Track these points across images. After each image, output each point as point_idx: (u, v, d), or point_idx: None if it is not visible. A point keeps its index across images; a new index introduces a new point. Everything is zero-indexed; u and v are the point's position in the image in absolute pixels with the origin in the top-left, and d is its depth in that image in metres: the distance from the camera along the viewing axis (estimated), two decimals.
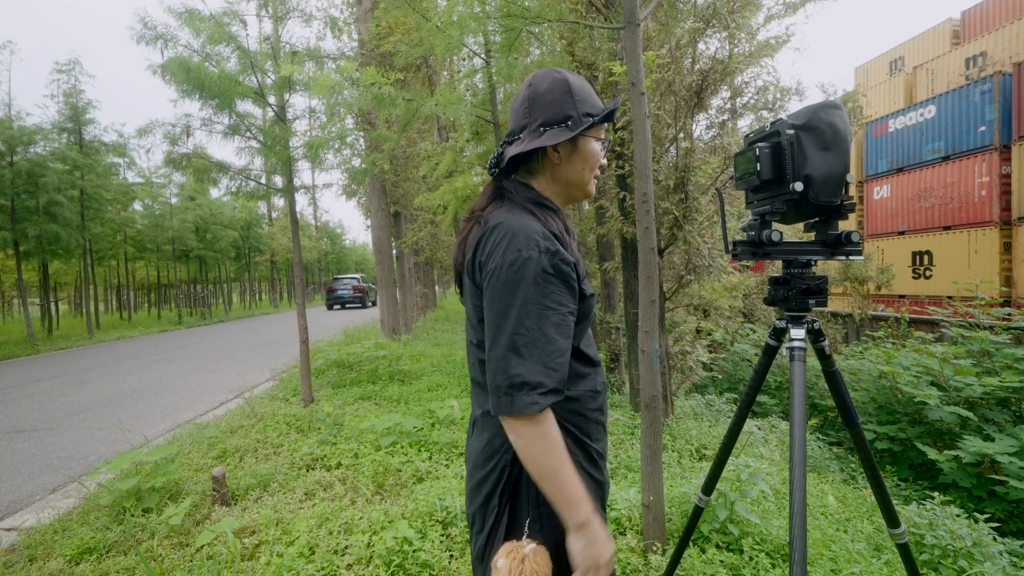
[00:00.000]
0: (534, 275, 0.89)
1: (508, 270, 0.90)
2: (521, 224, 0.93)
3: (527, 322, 0.88)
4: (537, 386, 0.86)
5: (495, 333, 0.90)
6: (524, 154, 1.03)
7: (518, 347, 0.87)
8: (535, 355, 0.87)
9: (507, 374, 0.87)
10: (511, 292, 0.89)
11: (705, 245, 4.22)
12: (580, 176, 1.06)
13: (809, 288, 1.33)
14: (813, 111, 1.24)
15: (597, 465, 1.05)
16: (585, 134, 1.04)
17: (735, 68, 4.01)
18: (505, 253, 0.91)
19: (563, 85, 1.02)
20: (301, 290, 5.22)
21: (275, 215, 30.20)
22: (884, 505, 1.48)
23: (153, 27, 4.27)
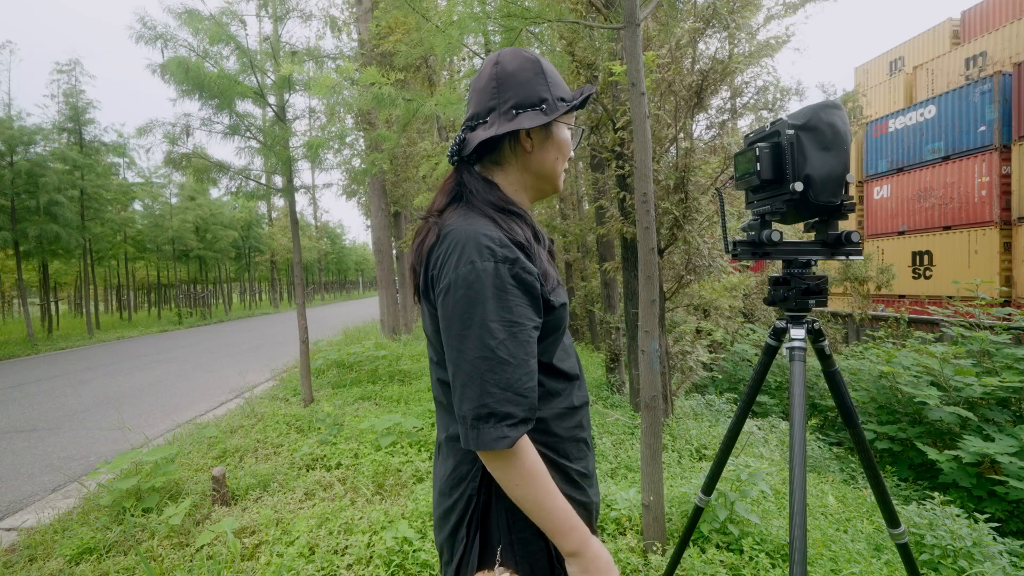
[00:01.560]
0: (492, 288, 0.79)
1: (462, 285, 0.80)
2: (474, 231, 0.83)
3: (489, 342, 0.78)
4: (505, 417, 0.78)
5: (456, 357, 0.81)
6: (492, 141, 0.92)
7: (481, 372, 0.78)
8: (501, 380, 0.78)
9: (472, 404, 0.78)
10: (468, 310, 0.79)
11: (705, 245, 4.22)
12: (552, 166, 0.97)
13: (809, 288, 1.33)
14: (813, 111, 1.24)
15: (579, 486, 0.96)
16: (559, 120, 0.94)
17: (735, 68, 4.01)
18: (458, 266, 0.81)
19: (535, 65, 0.92)
20: (301, 290, 5.22)
21: (275, 215, 30.24)
22: (884, 505, 1.48)
23: (152, 27, 4.27)
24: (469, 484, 0.90)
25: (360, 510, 2.76)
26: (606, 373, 6.26)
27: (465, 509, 0.91)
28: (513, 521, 0.88)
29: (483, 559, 0.90)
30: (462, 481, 0.91)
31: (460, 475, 0.92)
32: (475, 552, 0.90)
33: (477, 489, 0.90)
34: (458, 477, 0.92)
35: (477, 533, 0.90)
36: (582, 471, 0.97)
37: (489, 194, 0.92)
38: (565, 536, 0.83)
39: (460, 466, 0.92)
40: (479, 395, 0.78)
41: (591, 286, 10.25)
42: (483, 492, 0.90)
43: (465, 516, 0.91)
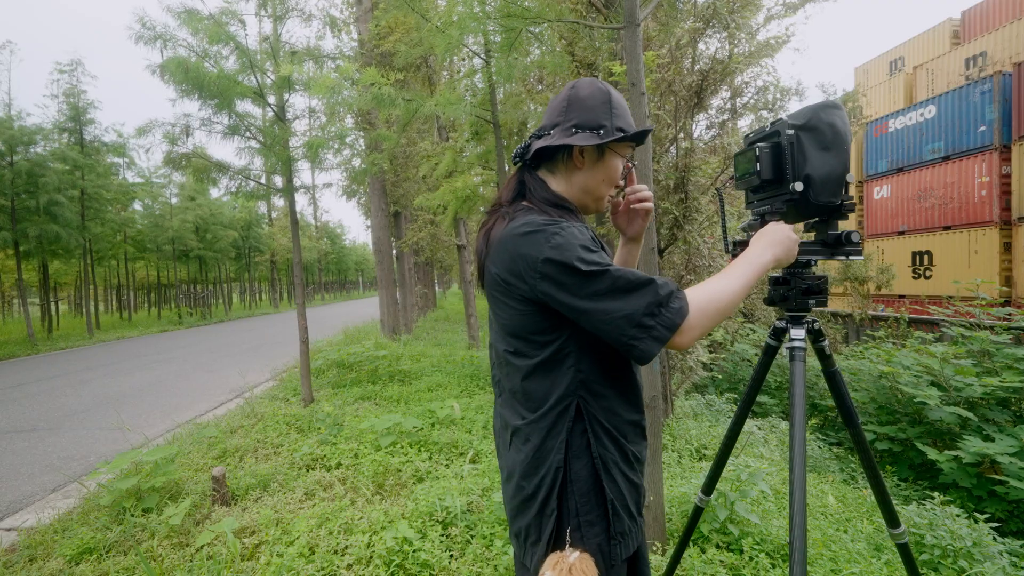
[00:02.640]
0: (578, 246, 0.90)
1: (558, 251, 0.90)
2: (532, 217, 0.97)
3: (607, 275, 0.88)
4: (662, 301, 0.87)
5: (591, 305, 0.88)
6: (549, 150, 1.05)
7: (621, 294, 0.87)
8: (633, 286, 0.88)
9: (634, 314, 0.86)
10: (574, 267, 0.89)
11: (705, 245, 4.22)
12: (597, 188, 1.08)
13: (809, 288, 1.33)
14: (813, 111, 1.23)
15: (633, 468, 1.03)
16: (613, 148, 1.06)
17: (735, 68, 4.01)
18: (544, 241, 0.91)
19: (604, 95, 1.05)
20: (301, 290, 5.22)
21: (275, 215, 30.23)
22: (884, 505, 1.47)
23: (152, 27, 4.27)
24: (555, 457, 0.97)
25: (360, 510, 2.76)
26: None
27: (553, 483, 0.97)
28: (581, 505, 0.96)
29: (560, 539, 0.96)
30: (548, 455, 0.98)
31: (547, 450, 0.98)
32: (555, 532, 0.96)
33: (563, 461, 0.97)
34: (544, 452, 0.98)
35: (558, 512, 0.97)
36: (637, 455, 1.05)
37: (545, 192, 1.06)
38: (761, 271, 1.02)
39: (547, 441, 0.98)
40: (634, 305, 0.87)
41: None
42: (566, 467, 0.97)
43: (554, 489, 0.97)
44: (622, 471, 1.00)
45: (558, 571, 0.90)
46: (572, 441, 0.98)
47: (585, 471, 0.97)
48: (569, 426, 0.97)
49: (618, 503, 0.99)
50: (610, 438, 0.99)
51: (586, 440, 0.98)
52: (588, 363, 0.98)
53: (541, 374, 0.99)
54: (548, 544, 0.97)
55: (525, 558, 1.02)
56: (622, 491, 1.00)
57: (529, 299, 0.95)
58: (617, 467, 0.99)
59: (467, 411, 4.53)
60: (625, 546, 0.99)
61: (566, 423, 0.97)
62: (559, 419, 0.98)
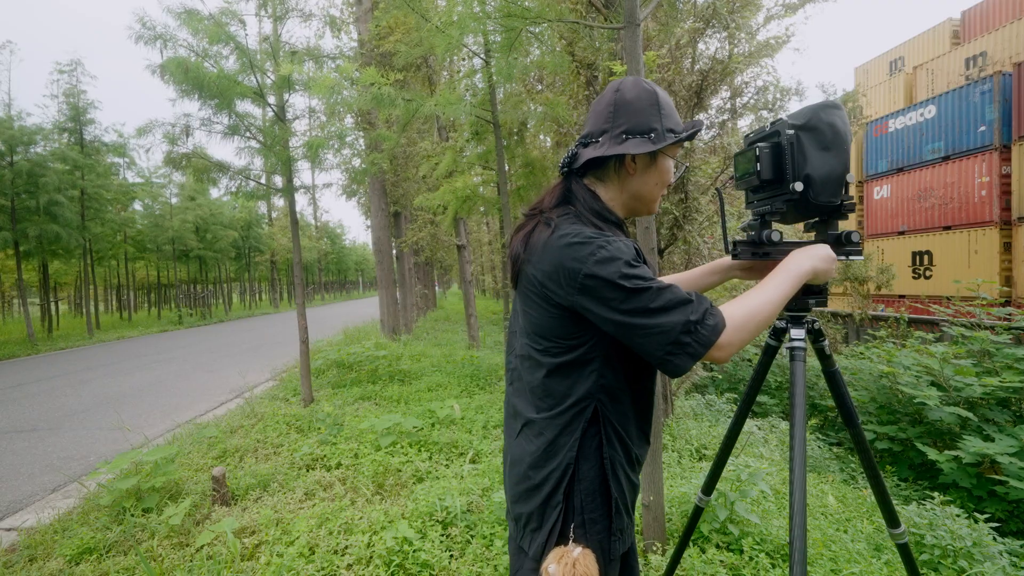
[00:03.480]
0: (625, 259, 0.90)
1: (601, 266, 0.90)
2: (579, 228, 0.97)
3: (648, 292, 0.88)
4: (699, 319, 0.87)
5: (631, 318, 0.89)
6: (600, 159, 1.03)
7: (661, 311, 0.87)
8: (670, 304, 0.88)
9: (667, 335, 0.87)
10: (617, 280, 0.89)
11: (705, 245, 4.22)
12: (650, 191, 1.07)
13: (809, 288, 1.33)
14: (813, 111, 1.23)
15: (635, 469, 1.07)
16: (663, 151, 1.04)
17: (735, 68, 4.01)
18: (590, 257, 0.91)
19: (651, 96, 1.02)
20: (301, 290, 5.22)
21: (275, 215, 30.23)
22: (884, 505, 1.47)
23: (152, 27, 4.27)
24: (567, 454, 0.99)
25: (360, 510, 2.76)
26: None
27: (562, 477, 0.99)
28: (587, 502, 0.98)
29: (564, 534, 0.98)
30: (560, 450, 1.00)
31: (559, 445, 1.00)
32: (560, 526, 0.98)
33: (575, 459, 0.99)
34: (556, 448, 1.00)
35: (562, 507, 0.98)
36: (639, 457, 1.07)
37: (594, 203, 1.04)
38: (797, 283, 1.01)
39: (560, 437, 1.00)
40: (672, 323, 0.87)
41: None
42: (576, 464, 0.99)
43: (562, 484, 0.99)
44: (626, 472, 1.03)
45: (562, 565, 0.92)
46: (585, 441, 0.99)
47: (593, 471, 0.99)
48: (584, 427, 0.99)
49: (620, 502, 1.01)
50: (619, 441, 1.02)
51: (598, 441, 1.00)
52: (612, 369, 1.00)
53: (563, 374, 1.00)
54: (549, 534, 0.98)
55: (523, 542, 1.04)
56: (624, 491, 1.03)
57: (564, 306, 0.96)
58: (622, 468, 1.02)
59: (467, 411, 4.53)
60: (622, 542, 1.02)
61: (581, 423, 0.99)
62: (575, 419, 1.00)
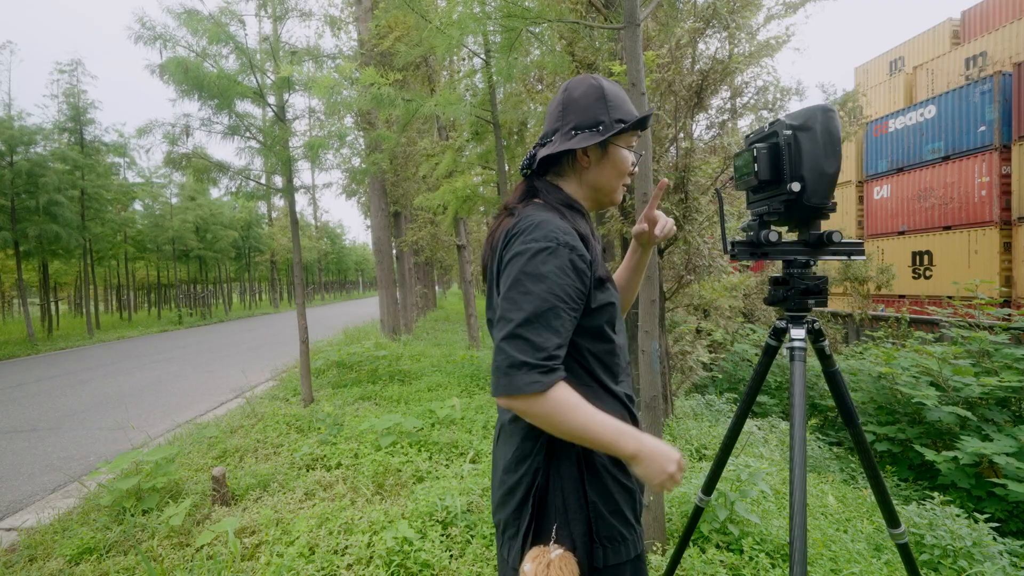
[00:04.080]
0: (550, 266, 0.90)
1: (528, 256, 0.91)
2: (546, 218, 0.96)
3: (534, 308, 0.88)
4: (536, 367, 0.86)
5: (506, 313, 0.90)
6: (555, 156, 1.07)
7: (521, 331, 0.87)
8: (535, 342, 0.87)
9: (506, 356, 0.87)
10: (524, 277, 0.90)
11: (705, 245, 4.22)
12: (608, 182, 1.08)
13: (808, 288, 1.33)
14: (811, 112, 1.24)
15: (625, 471, 1.02)
16: (615, 141, 1.06)
17: (735, 68, 4.01)
18: (528, 241, 0.93)
19: (597, 91, 1.04)
20: (301, 290, 5.22)
21: (275, 215, 30.23)
22: (884, 505, 1.48)
23: (152, 27, 4.27)
24: (534, 459, 0.99)
25: (360, 510, 2.76)
26: None
27: (531, 483, 0.98)
28: (567, 502, 0.96)
29: (539, 535, 0.98)
30: (528, 456, 0.99)
31: (526, 451, 1.00)
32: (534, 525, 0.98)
33: (543, 463, 0.98)
34: (524, 453, 1.00)
35: (540, 506, 0.98)
36: None
37: (558, 194, 1.07)
38: (620, 443, 0.89)
39: (525, 442, 1.00)
40: (514, 349, 0.87)
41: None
42: (547, 468, 0.99)
43: (532, 489, 0.98)
44: (612, 474, 0.99)
45: (537, 563, 0.91)
46: (556, 442, 0.98)
47: (570, 472, 0.98)
48: (540, 440, 0.98)
49: (603, 506, 0.98)
50: None
51: (566, 444, 0.97)
52: (574, 367, 0.99)
53: None
54: (524, 540, 0.98)
55: (503, 550, 1.04)
56: (611, 494, 0.99)
57: None
58: (606, 470, 0.99)
59: (467, 411, 4.53)
60: (615, 552, 0.97)
61: (536, 438, 0.98)
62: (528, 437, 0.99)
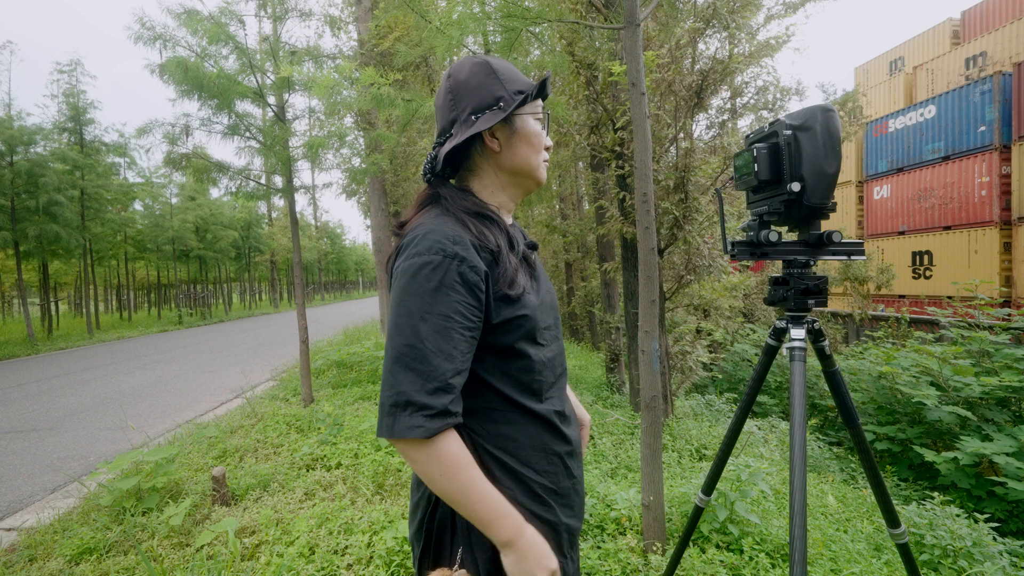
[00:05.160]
0: (436, 282, 0.80)
1: (407, 274, 0.82)
2: (435, 227, 0.85)
3: (420, 332, 0.79)
4: (423, 407, 0.76)
5: (388, 343, 0.81)
6: (460, 149, 0.95)
7: (406, 361, 0.78)
8: (424, 371, 0.77)
9: (391, 391, 0.78)
10: (406, 299, 0.81)
11: (705, 245, 4.22)
12: (526, 161, 0.96)
13: (808, 288, 1.33)
14: (811, 112, 1.24)
15: (543, 501, 0.91)
16: (520, 113, 0.94)
17: (735, 68, 4.01)
18: (408, 257, 0.83)
19: (485, 67, 0.93)
20: (301, 290, 5.22)
21: (275, 215, 30.22)
22: (884, 505, 1.48)
23: (151, 27, 4.27)
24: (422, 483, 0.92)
25: (360, 510, 2.76)
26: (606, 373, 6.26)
27: (427, 505, 0.91)
28: (471, 527, 0.86)
29: (441, 557, 0.90)
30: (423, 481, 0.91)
31: None
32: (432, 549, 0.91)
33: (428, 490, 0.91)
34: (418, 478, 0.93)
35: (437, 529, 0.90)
36: (549, 486, 0.93)
37: (464, 200, 0.93)
38: (494, 525, 0.79)
39: None
40: (399, 382, 0.78)
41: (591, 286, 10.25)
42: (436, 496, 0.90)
43: (427, 511, 0.91)
44: (525, 508, 0.88)
45: None
46: None
47: None
48: None
49: None
50: (505, 470, 0.89)
51: None
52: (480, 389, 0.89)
53: None
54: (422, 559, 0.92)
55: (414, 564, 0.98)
56: None
57: None
58: (516, 503, 0.86)
59: None
60: None
61: None
62: None
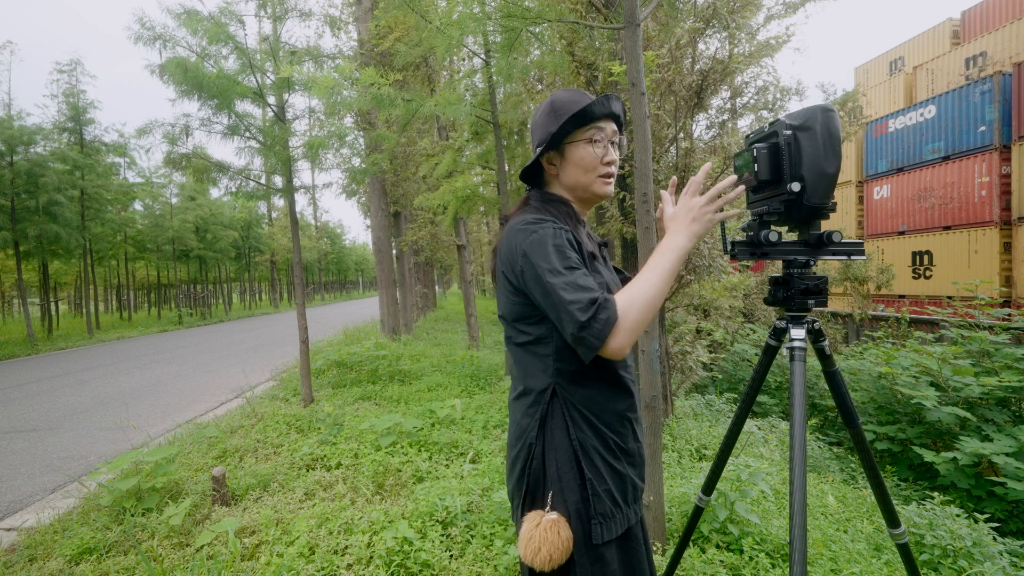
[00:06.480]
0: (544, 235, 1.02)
1: (528, 245, 1.03)
2: (523, 218, 1.09)
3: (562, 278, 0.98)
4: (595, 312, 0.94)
5: (548, 300, 1.00)
6: (533, 172, 1.22)
7: (566, 300, 0.96)
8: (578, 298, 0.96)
9: (573, 322, 0.95)
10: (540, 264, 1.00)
11: (705, 245, 4.23)
12: (577, 180, 1.16)
13: (808, 288, 1.33)
14: (811, 112, 1.24)
15: (616, 455, 1.09)
16: (569, 141, 1.14)
17: (735, 68, 4.01)
18: (523, 241, 1.04)
19: (548, 106, 1.16)
20: (301, 290, 5.22)
21: (275, 215, 30.20)
22: (884, 505, 1.48)
23: (151, 27, 4.27)
24: (528, 434, 1.09)
25: (360, 510, 2.76)
26: None
27: (528, 456, 1.08)
28: (561, 473, 1.05)
29: (535, 503, 1.07)
30: (524, 433, 1.10)
31: (522, 428, 1.11)
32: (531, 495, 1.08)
33: (535, 438, 1.08)
34: (521, 429, 1.11)
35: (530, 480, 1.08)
36: (621, 445, 1.10)
37: (544, 196, 1.20)
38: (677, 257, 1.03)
39: (523, 419, 1.12)
40: (573, 313, 0.95)
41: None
42: (539, 442, 1.08)
43: (528, 462, 1.08)
44: (603, 457, 1.07)
45: (531, 523, 1.01)
46: (549, 422, 1.07)
47: (564, 450, 1.06)
48: (545, 408, 1.08)
49: (598, 485, 1.05)
50: (589, 425, 1.07)
51: (564, 422, 1.07)
52: (568, 353, 1.06)
53: (524, 358, 1.12)
54: (522, 506, 1.09)
55: (513, 519, 1.15)
56: (603, 476, 1.06)
57: (519, 289, 1.08)
58: (597, 452, 1.06)
59: (467, 411, 4.53)
60: (607, 528, 1.05)
61: (542, 406, 1.08)
62: (536, 401, 1.09)
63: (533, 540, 0.99)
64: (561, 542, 0.99)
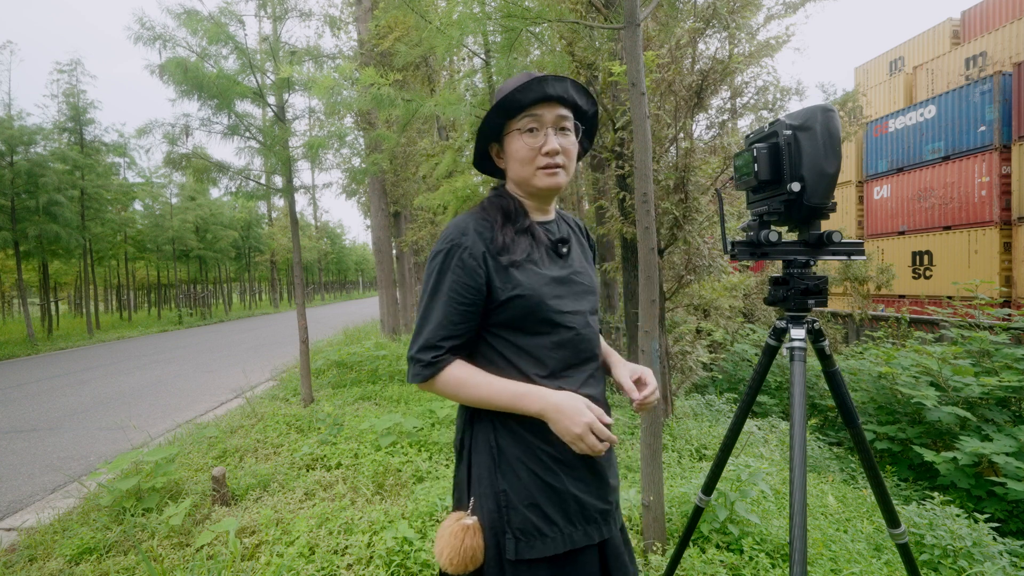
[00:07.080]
0: (438, 266, 1.01)
1: (428, 260, 1.05)
2: (458, 220, 1.05)
3: (429, 306, 1.01)
4: (418, 361, 0.99)
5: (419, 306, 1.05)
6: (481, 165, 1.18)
7: (419, 328, 1.02)
8: (424, 335, 1.00)
9: (414, 345, 1.01)
10: (425, 280, 1.04)
11: (705, 245, 4.22)
12: (517, 172, 1.08)
13: (808, 288, 1.33)
14: (811, 112, 1.24)
15: (549, 468, 1.00)
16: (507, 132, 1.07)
17: (735, 68, 4.01)
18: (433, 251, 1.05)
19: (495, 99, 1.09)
20: (301, 290, 5.22)
21: (275, 215, 30.19)
22: (884, 505, 1.48)
23: (151, 27, 4.27)
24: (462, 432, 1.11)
25: (360, 510, 2.76)
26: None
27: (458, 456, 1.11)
28: (480, 477, 1.03)
29: (462, 501, 1.06)
30: (458, 430, 1.13)
31: (458, 425, 1.13)
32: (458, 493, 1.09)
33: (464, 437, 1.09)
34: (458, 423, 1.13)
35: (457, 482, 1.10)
36: (556, 456, 1.01)
37: (492, 194, 1.15)
38: (520, 404, 0.97)
39: (456, 420, 1.14)
40: (413, 343, 1.01)
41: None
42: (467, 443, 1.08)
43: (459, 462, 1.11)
44: (528, 468, 1.00)
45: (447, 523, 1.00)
46: (476, 423, 1.06)
47: (484, 454, 1.04)
48: (467, 415, 1.08)
49: (514, 496, 0.99)
50: (511, 433, 1.02)
51: (489, 425, 1.04)
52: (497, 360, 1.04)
53: None
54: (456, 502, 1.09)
55: None
56: (527, 489, 0.99)
57: None
58: (521, 462, 1.00)
59: None
60: (528, 546, 0.97)
61: (466, 410, 1.09)
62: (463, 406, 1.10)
63: (440, 540, 0.97)
64: (464, 549, 0.94)
